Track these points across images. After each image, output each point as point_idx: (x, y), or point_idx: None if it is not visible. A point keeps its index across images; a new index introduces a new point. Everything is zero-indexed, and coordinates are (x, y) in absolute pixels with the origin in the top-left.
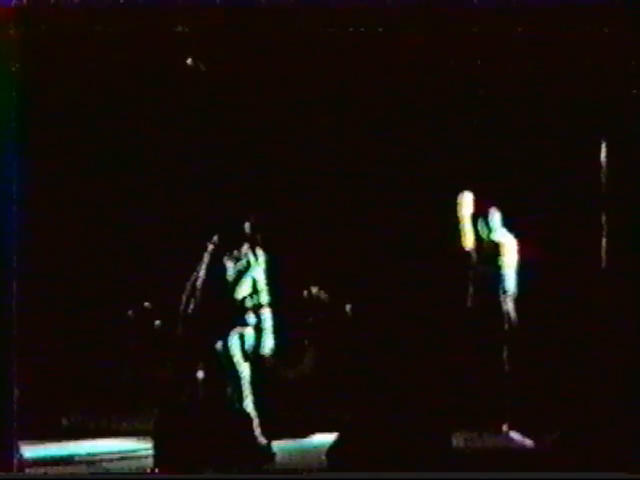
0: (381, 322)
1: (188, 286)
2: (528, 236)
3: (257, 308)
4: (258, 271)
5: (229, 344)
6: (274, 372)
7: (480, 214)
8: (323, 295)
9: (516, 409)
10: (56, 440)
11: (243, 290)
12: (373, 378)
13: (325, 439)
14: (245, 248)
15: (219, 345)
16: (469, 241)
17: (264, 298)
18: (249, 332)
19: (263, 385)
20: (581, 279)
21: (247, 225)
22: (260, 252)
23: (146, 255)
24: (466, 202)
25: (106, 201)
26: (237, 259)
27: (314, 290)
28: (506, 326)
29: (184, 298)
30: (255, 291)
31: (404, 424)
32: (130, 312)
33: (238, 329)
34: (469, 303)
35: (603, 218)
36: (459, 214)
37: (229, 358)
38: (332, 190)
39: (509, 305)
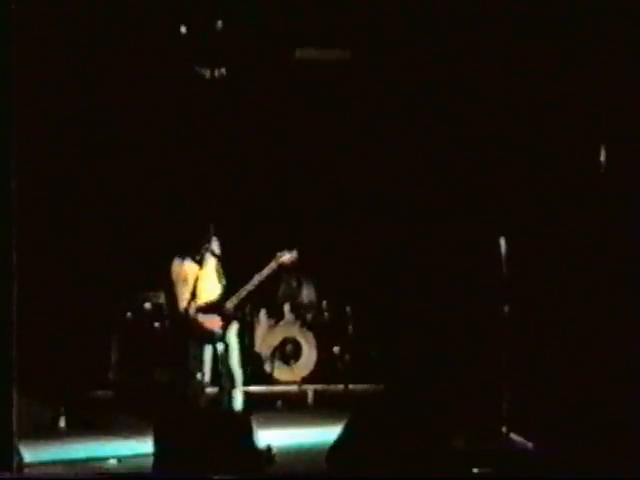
0: (380, 323)
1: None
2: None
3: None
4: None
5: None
6: (270, 371)
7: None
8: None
9: (516, 411)
10: (55, 441)
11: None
12: (372, 379)
13: (325, 441)
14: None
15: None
16: None
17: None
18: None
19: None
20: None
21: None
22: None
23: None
24: None
25: (105, 203)
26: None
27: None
28: (507, 328)
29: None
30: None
31: (404, 425)
32: (129, 314)
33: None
34: (470, 305)
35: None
36: None
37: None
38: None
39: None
